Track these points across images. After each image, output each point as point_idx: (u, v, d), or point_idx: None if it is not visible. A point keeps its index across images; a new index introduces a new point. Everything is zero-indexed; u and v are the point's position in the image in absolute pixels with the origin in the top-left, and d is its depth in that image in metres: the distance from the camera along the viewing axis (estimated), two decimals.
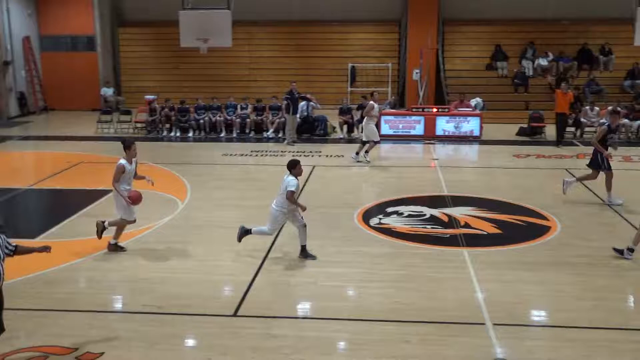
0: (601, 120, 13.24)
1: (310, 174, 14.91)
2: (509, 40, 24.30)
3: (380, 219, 11.33)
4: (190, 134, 20.33)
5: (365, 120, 16.07)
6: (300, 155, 17.19)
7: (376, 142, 16.22)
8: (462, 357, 6.65)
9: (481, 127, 19.46)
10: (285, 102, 18.84)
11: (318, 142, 19.33)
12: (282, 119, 19.67)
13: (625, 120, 19.01)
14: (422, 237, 10.37)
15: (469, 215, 11.53)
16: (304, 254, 9.39)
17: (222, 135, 20.27)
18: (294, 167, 9.33)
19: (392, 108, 20.90)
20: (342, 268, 9.11)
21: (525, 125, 19.92)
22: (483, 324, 7.37)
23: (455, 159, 17.56)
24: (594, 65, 23.45)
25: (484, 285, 8.43)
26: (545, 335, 7.27)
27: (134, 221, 9.79)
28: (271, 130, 20.05)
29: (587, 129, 19.42)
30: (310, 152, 17.63)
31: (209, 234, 10.54)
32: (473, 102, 20.73)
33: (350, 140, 19.58)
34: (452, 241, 10.19)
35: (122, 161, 9.48)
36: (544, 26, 24.30)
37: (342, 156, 17.15)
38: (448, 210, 11.77)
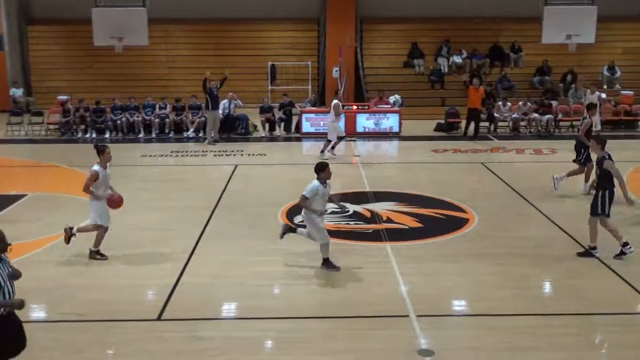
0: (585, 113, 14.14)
1: (233, 173, 14.79)
2: (425, 38, 24.91)
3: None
4: (107, 135, 19.75)
5: (330, 118, 16.55)
6: (222, 155, 17.05)
7: (341, 138, 16.53)
8: (388, 349, 6.77)
9: (400, 124, 19.86)
10: (207, 95, 18.46)
11: (240, 141, 19.20)
12: (203, 119, 19.41)
13: (535, 115, 19.86)
14: (346, 234, 10.48)
15: (390, 210, 11.74)
16: (327, 264, 8.88)
17: (141, 136, 19.80)
18: (322, 170, 8.85)
19: (312, 106, 21.02)
20: (268, 267, 9.08)
21: (442, 121, 20.48)
22: (407, 316, 7.52)
23: (376, 155, 17.85)
24: (505, 62, 24.36)
25: (407, 278, 8.60)
26: (468, 324, 7.50)
27: (106, 228, 9.30)
28: (191, 129, 19.74)
29: (500, 123, 20.15)
30: (232, 151, 17.48)
31: (132, 237, 10.26)
32: (392, 99, 21.13)
33: (272, 139, 19.55)
34: (375, 236, 10.34)
35: (96, 167, 9.13)
36: (458, 24, 25.04)
37: (265, 155, 17.10)
38: (370, 206, 11.94)
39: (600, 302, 7.92)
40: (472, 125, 19.04)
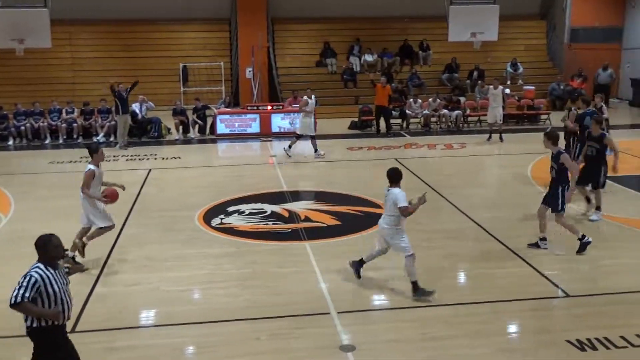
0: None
1: (147, 177, 14.44)
2: (337, 37, 25.17)
3: (221, 218, 11.25)
4: (10, 142, 18.84)
5: (301, 115, 16.51)
6: (135, 159, 16.60)
7: (312, 137, 16.54)
8: (312, 347, 6.80)
9: (315, 123, 19.95)
10: (115, 100, 17.90)
11: (153, 144, 18.77)
12: (113, 122, 18.83)
13: (445, 111, 20.47)
14: (265, 234, 10.44)
15: (308, 209, 11.79)
16: (419, 292, 7.88)
17: (47, 142, 19.00)
18: (400, 177, 8.28)
19: (226, 107, 20.82)
20: (186, 271, 8.92)
21: (356, 119, 20.76)
22: (328, 313, 7.58)
23: (293, 155, 17.87)
24: (415, 60, 24.98)
25: (327, 276, 8.67)
26: (387, 318, 7.64)
27: (113, 226, 9.25)
28: (101, 134, 19.13)
29: (412, 120, 20.64)
30: (146, 155, 17.07)
31: None
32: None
33: (186, 141, 19.22)
34: (293, 236, 10.36)
35: (91, 166, 9.01)
36: (369, 23, 25.45)
37: (179, 158, 16.80)
38: (288, 206, 11.95)
39: (510, 290, 8.25)
40: (383, 122, 19.41)
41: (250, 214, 11.57)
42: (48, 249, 5.24)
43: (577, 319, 7.45)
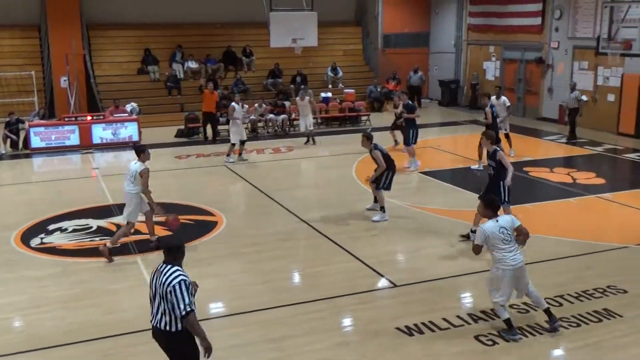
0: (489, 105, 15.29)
1: None
2: (158, 44, 24.54)
3: (42, 238, 10.51)
4: None
5: (230, 122, 16.47)
6: None
7: (242, 142, 16.44)
8: None
9: (140, 132, 19.34)
10: None
11: None
12: None
13: (271, 115, 20.78)
14: (92, 251, 9.93)
15: (138, 221, 11.37)
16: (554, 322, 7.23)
17: None
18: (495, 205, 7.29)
19: (41, 119, 19.46)
20: (4, 298, 8.23)
21: (182, 127, 20.40)
22: None
23: (117, 166, 17.11)
24: (239, 66, 25.08)
25: None
26: (226, 324, 7.60)
27: (134, 224, 9.91)
28: None
29: None
30: None
31: None
32: (128, 107, 20.48)
33: (15, 156, 17.65)
34: (123, 250, 9.94)
35: (144, 165, 9.74)
36: (191, 30, 25.12)
37: None
38: (116, 220, 11.45)
39: (342, 285, 8.58)
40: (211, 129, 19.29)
41: (74, 230, 10.94)
42: (184, 251, 5.47)
43: (404, 307, 7.93)
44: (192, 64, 24.29)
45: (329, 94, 23.37)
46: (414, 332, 7.25)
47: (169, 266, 5.32)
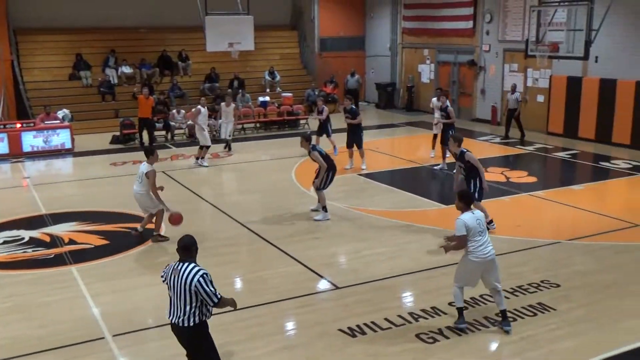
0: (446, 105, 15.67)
1: None
2: (90, 49, 23.93)
3: None
4: None
5: (196, 126, 16.46)
6: None
7: (207, 147, 16.50)
8: None
9: (72, 139, 18.82)
10: None
11: None
12: None
13: (212, 121, 20.57)
14: (24, 263, 9.60)
15: (72, 230, 11.09)
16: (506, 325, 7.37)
17: None
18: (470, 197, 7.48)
19: None
20: None
21: (117, 133, 19.97)
22: (103, 338, 7.21)
23: (50, 175, 16.64)
24: (175, 70, 24.73)
25: (99, 299, 8.24)
26: (166, 333, 7.44)
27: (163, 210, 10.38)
28: None
29: (176, 131, 20.43)
30: None
31: None
32: (60, 114, 19.91)
33: None
34: (58, 261, 9.66)
35: (152, 166, 10.19)
36: (124, 34, 24.61)
37: None
38: (49, 230, 11.11)
39: (285, 288, 8.58)
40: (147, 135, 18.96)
41: (4, 242, 10.55)
42: (197, 247, 5.85)
43: (346, 308, 7.98)
44: (126, 69, 23.80)
45: (267, 98, 23.33)
46: (356, 333, 7.31)
47: (186, 264, 5.64)
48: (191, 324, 5.58)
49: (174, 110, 20.88)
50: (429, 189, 14.68)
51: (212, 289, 5.56)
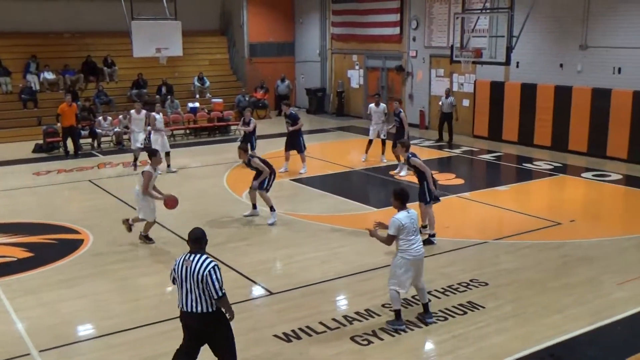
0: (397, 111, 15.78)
1: None
2: (9, 54, 23.02)
3: None
4: None
5: (152, 133, 15.89)
6: None
7: (167, 154, 15.98)
8: None
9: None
10: None
11: None
12: None
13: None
14: None
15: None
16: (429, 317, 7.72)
17: None
18: (405, 196, 7.50)
19: None
20: None
21: (41, 142, 19.28)
22: (29, 354, 6.93)
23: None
24: (100, 76, 24.10)
25: (23, 313, 7.93)
26: (95, 346, 7.25)
27: (154, 222, 10.55)
28: None
29: (103, 138, 19.91)
30: None
31: None
32: None
33: None
34: None
35: (148, 167, 10.36)
36: (46, 39, 23.82)
37: None
38: None
39: None
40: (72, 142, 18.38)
41: None
42: (207, 239, 5.98)
43: (280, 314, 7.97)
44: (49, 75, 23.02)
45: (197, 104, 23.06)
46: (291, 338, 7.30)
47: (197, 255, 5.79)
48: (214, 308, 5.79)
49: (100, 117, 20.35)
50: (361, 192, 14.83)
51: (220, 282, 5.72)
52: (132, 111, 16.92)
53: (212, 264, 5.74)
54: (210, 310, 5.78)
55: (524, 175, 16.02)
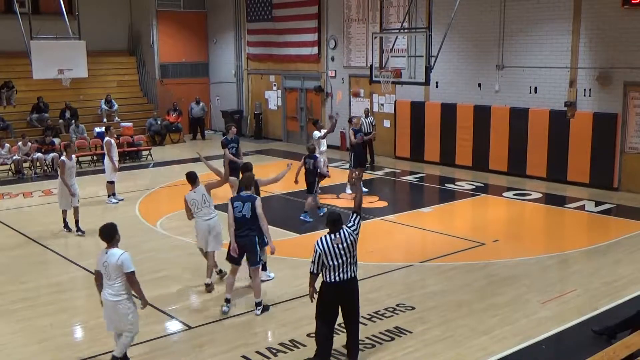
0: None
1: None
2: None
3: None
4: None
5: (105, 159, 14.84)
6: None
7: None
8: None
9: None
10: None
11: None
12: None
13: (39, 154, 18.73)
14: None
15: None
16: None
17: None
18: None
19: None
20: None
21: None
22: None
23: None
24: None
25: None
26: None
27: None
28: None
29: (1, 167, 18.38)
30: None
31: None
32: None
33: None
34: None
35: (63, 157, 11.17)
36: None
37: None
38: None
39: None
40: None
41: None
42: None
43: (201, 349, 7.45)
44: None
45: (104, 129, 21.74)
46: None
47: (342, 229, 6.77)
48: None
49: None
50: (282, 218, 14.14)
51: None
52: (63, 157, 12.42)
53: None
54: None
55: (447, 196, 15.88)
